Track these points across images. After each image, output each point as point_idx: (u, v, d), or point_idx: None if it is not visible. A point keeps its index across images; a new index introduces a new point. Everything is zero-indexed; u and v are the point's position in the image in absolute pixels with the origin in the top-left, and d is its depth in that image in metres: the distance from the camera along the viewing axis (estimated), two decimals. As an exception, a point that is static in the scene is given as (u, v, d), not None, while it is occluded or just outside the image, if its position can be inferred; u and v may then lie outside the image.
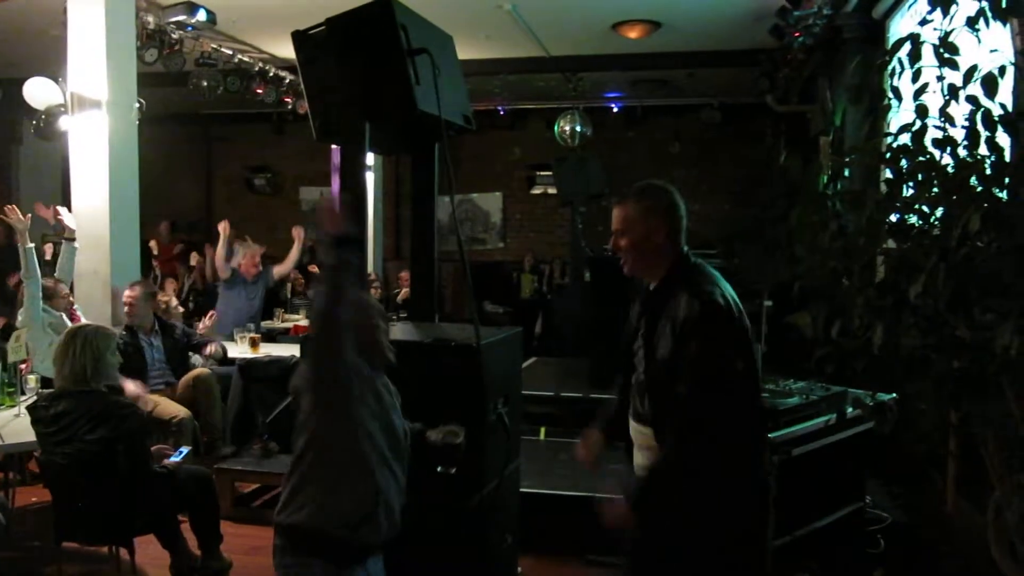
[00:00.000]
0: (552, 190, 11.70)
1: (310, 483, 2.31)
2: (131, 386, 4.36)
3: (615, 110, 11.40)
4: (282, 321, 7.80)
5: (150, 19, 6.39)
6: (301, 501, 2.31)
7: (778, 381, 3.88)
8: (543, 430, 5.17)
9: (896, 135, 2.35)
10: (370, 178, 8.89)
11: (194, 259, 9.11)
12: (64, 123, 5.39)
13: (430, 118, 3.00)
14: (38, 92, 5.68)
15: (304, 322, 7.72)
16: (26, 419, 3.68)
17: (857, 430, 3.80)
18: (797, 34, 6.28)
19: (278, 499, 2.39)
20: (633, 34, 7.59)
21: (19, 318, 4.85)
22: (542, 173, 11.80)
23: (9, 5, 6.79)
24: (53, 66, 5.62)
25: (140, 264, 5.74)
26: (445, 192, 3.55)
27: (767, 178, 7.35)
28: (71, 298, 5.20)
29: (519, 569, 3.46)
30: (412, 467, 2.49)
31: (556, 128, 9.86)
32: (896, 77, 2.31)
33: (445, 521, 2.78)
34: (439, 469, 2.65)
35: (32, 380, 4.42)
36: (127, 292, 5.19)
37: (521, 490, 3.47)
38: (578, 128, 9.66)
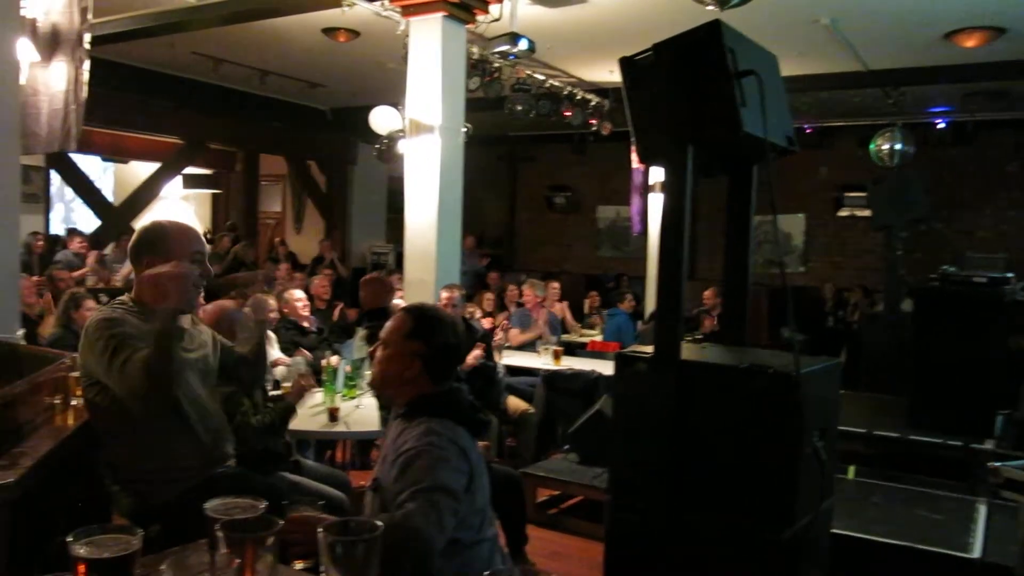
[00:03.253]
0: (861, 212, 10.96)
1: None
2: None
3: (940, 126, 10.42)
4: (580, 336, 8.06)
5: (475, 50, 6.92)
6: None
7: None
8: (852, 469, 4.84)
9: None
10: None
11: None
12: (402, 146, 5.99)
13: (753, 140, 2.94)
14: (382, 119, 6.34)
15: (599, 338, 7.93)
16: (366, 410, 4.16)
17: None
18: None
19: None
20: (971, 43, 6.90)
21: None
22: (851, 194, 11.09)
23: (352, 43, 7.72)
24: (387, 95, 6.25)
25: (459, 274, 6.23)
26: (759, 214, 3.48)
27: None
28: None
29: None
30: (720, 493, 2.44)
31: (872, 146, 9.18)
32: None
33: (754, 553, 2.70)
34: None
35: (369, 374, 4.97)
36: (444, 294, 5.68)
37: (832, 531, 3.27)
38: (898, 146, 8.91)
